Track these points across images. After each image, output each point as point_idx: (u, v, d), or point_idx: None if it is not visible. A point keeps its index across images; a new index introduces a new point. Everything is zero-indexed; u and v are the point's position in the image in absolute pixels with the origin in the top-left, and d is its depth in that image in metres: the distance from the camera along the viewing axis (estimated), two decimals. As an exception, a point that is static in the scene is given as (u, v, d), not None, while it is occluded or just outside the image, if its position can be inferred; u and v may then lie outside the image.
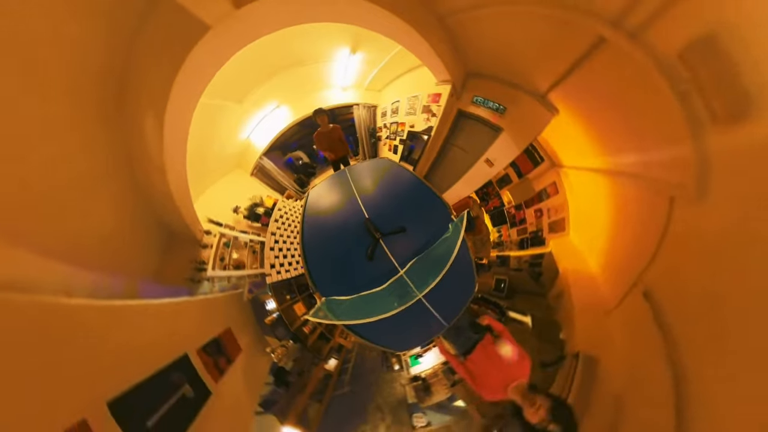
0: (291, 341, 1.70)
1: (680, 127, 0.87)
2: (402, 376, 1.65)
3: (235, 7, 1.17)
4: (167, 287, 1.33)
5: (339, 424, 1.45)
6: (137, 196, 1.34)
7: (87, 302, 0.78)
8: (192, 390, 0.94)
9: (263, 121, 2.32)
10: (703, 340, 0.76)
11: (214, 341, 1.20)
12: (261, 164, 2.34)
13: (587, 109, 1.46)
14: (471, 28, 1.58)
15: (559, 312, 1.46)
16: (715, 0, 0.69)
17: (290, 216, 2.23)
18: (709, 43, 0.73)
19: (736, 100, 0.70)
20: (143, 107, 1.24)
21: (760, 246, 0.66)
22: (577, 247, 1.57)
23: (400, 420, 1.43)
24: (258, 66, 2.07)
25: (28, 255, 0.77)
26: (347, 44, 2.26)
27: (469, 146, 2.24)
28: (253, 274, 1.84)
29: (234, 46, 1.40)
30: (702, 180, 0.83)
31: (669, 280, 0.94)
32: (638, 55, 0.93)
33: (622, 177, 1.26)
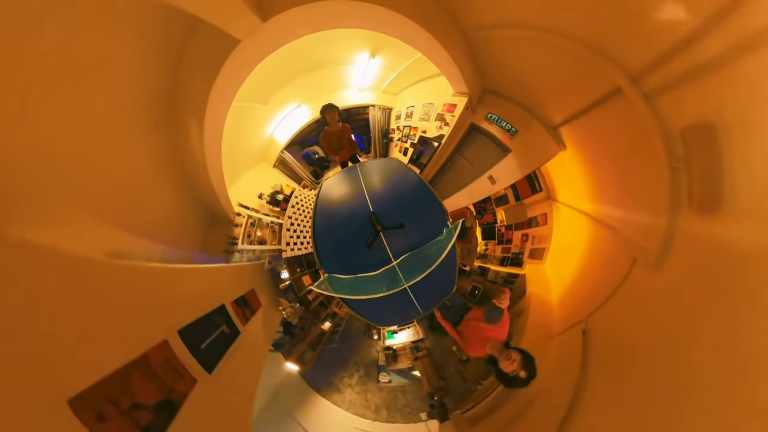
0: (298, 304, 2.05)
1: (663, 199, 0.82)
2: (378, 344, 1.97)
3: (262, 20, 1.18)
4: (210, 256, 1.65)
5: (326, 367, 1.86)
6: (187, 186, 1.57)
7: (162, 266, 1.06)
8: (228, 329, 1.27)
9: (285, 119, 2.36)
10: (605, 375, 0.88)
11: (242, 297, 1.51)
12: (282, 157, 2.46)
13: (592, 153, 1.33)
14: (493, 46, 1.40)
15: (514, 326, 1.60)
16: (721, 95, 0.60)
17: (305, 203, 2.41)
18: (708, 131, 0.65)
19: (710, 195, 0.65)
20: (188, 115, 1.38)
21: (679, 324, 0.71)
22: (547, 276, 1.61)
23: (369, 374, 1.80)
24: (281, 70, 2.04)
25: (122, 233, 1.04)
26: (367, 49, 2.10)
27: (475, 160, 2.15)
28: (272, 249, 2.13)
29: (261, 55, 1.42)
30: (662, 253, 0.83)
31: (605, 327, 1.02)
32: (648, 117, 0.83)
33: (603, 227, 1.22)
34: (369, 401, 1.71)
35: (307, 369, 1.82)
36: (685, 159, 0.74)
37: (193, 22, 1.17)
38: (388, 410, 1.65)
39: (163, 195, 1.41)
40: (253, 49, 1.32)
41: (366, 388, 1.77)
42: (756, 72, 0.53)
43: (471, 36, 1.42)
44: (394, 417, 1.61)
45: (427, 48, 1.57)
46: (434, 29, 1.38)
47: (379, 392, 1.74)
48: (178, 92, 1.31)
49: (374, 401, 1.71)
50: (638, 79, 0.84)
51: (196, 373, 0.96)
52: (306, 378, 1.79)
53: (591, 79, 1.03)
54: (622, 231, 1.09)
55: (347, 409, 1.70)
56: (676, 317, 0.72)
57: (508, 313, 1.41)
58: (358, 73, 2.33)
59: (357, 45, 2.11)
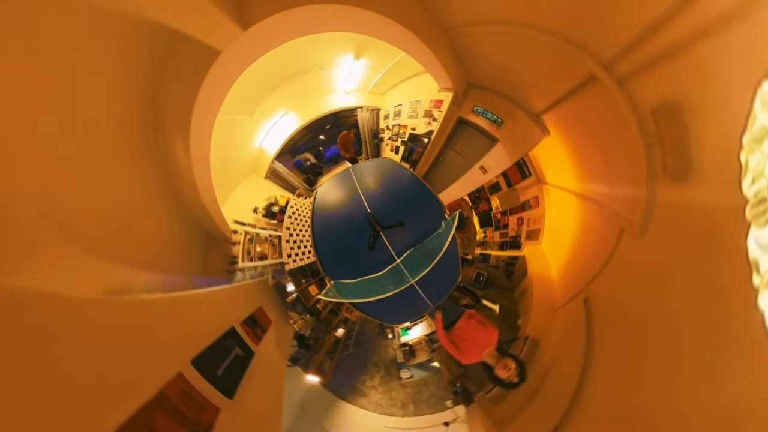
0: (308, 315, 2.02)
1: (641, 171, 0.93)
2: (394, 343, 2.01)
3: (242, 29, 1.14)
4: (212, 279, 1.59)
5: (347, 374, 1.87)
6: (179, 208, 1.50)
7: (164, 296, 1.01)
8: (241, 351, 1.24)
9: (273, 128, 2.31)
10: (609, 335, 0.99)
11: (251, 317, 1.48)
12: (273, 168, 2.41)
13: (574, 136, 1.44)
14: (474, 42, 1.46)
15: (521, 305, 1.70)
16: (684, 76, 0.70)
17: (302, 212, 2.37)
18: (675, 109, 0.75)
19: (682, 164, 0.76)
20: (172, 133, 1.31)
21: (666, 279, 0.82)
22: (545, 254, 1.73)
23: (390, 373, 1.84)
24: (265, 78, 1.99)
25: (118, 267, 0.98)
26: (351, 51, 2.09)
27: (466, 152, 2.23)
28: (274, 263, 2.08)
29: (243, 65, 1.38)
30: (645, 220, 0.93)
31: (603, 293, 1.13)
32: (621, 100, 0.93)
33: (591, 203, 1.34)
34: (394, 399, 1.75)
35: (328, 378, 1.82)
36: (656, 135, 0.84)
37: (172, 36, 1.11)
38: (415, 404, 1.69)
39: (155, 221, 1.34)
40: (235, 59, 1.28)
41: (389, 387, 1.80)
42: (710, 56, 0.63)
43: (452, 33, 1.47)
44: (422, 409, 1.66)
45: (410, 47, 1.60)
46: (416, 29, 1.41)
47: (402, 389, 1.78)
48: (160, 110, 1.24)
49: (399, 398, 1.74)
50: (610, 66, 0.94)
51: (218, 401, 0.94)
52: (329, 387, 1.79)
53: (567, 68, 1.12)
54: (608, 205, 1.21)
55: (374, 410, 1.73)
56: (664, 275, 0.83)
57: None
58: (343, 76, 2.33)
59: (341, 48, 2.10)
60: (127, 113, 1.12)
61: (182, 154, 1.36)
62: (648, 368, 0.76)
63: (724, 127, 0.60)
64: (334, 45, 2.07)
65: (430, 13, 1.43)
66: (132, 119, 1.16)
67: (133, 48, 1.04)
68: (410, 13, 1.39)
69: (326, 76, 2.30)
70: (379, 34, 1.54)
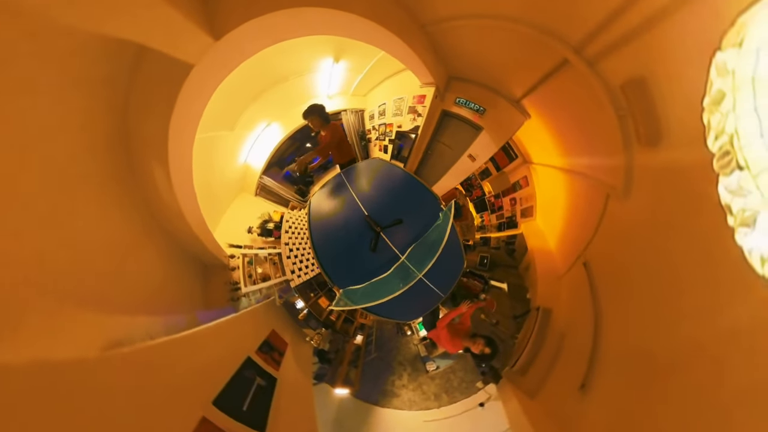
0: (323, 329, 1.97)
1: (617, 141, 1.04)
2: (414, 338, 2.03)
3: (214, 39, 1.07)
4: (217, 310, 1.48)
5: (374, 379, 1.85)
6: (169, 242, 1.37)
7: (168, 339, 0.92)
8: (263, 380, 1.17)
9: (256, 142, 2.20)
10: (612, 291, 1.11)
11: (265, 342, 1.40)
12: (262, 183, 2.30)
13: (553, 116, 1.57)
14: (452, 36, 1.52)
15: (527, 279, 1.82)
16: (647, 53, 0.82)
17: (298, 225, 2.29)
18: (641, 83, 0.86)
19: (653, 131, 0.88)
20: (148, 159, 1.19)
21: (653, 233, 0.94)
22: (541, 229, 1.87)
23: (417, 369, 1.86)
24: (243, 90, 1.88)
25: (114, 317, 0.87)
26: (330, 54, 2.06)
27: (453, 143, 2.31)
28: (279, 283, 2.00)
29: (218, 77, 1.29)
30: (627, 184, 1.06)
31: (600, 255, 1.26)
32: (593, 80, 1.04)
33: (575, 175, 1.48)
34: (426, 393, 1.76)
35: (357, 388, 1.78)
36: (627, 108, 0.96)
37: (138, 53, 1.00)
38: (447, 393, 1.73)
39: (145, 260, 1.22)
40: (210, 71, 1.19)
41: (419, 382, 1.81)
42: (669, 34, 0.74)
43: (430, 29, 1.52)
44: (455, 397, 1.70)
45: (389, 46, 1.62)
46: (394, 27, 1.43)
47: (432, 381, 1.80)
48: (132, 136, 1.12)
49: (431, 391, 1.77)
50: (580, 50, 1.04)
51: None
52: (360, 397, 1.76)
53: (541, 54, 1.22)
54: (592, 174, 1.34)
55: (410, 408, 1.73)
56: (651, 228, 0.95)
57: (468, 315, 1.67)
58: (324, 81, 2.28)
59: (319, 52, 2.05)
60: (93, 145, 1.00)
61: (162, 181, 1.24)
62: (652, 310, 0.86)
63: (686, 94, 0.71)
64: (312, 49, 2.03)
65: (407, 11, 1.45)
66: (100, 151, 1.03)
67: (94, 70, 0.92)
68: (387, 12, 1.40)
69: (307, 82, 2.24)
70: (358, 35, 1.54)
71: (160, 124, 1.13)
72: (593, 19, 0.90)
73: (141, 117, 1.13)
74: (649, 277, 0.91)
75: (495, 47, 1.43)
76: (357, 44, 1.58)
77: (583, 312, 1.17)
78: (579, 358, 1.07)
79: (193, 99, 1.20)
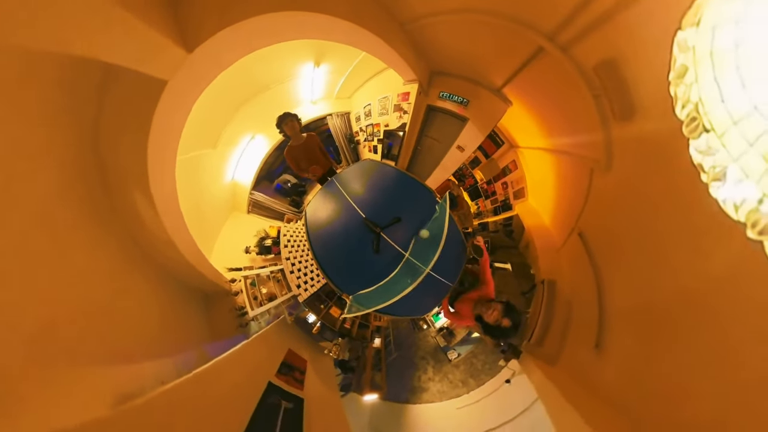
0: (340, 338, 1.94)
1: (595, 119, 1.15)
2: (431, 331, 2.08)
3: (187, 51, 1.00)
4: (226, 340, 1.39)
5: (400, 378, 1.87)
6: (163, 275, 1.27)
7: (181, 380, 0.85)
8: (289, 403, 1.13)
9: (242, 156, 2.10)
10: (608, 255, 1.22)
11: (284, 363, 1.36)
12: (253, 199, 2.21)
13: (533, 101, 1.68)
14: (430, 33, 1.57)
15: (528, 256, 1.93)
16: (616, 36, 0.91)
17: (297, 237, 2.23)
18: (612, 64, 0.96)
19: (626, 106, 0.98)
20: (128, 187, 1.09)
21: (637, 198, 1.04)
22: (534, 208, 1.99)
23: (439, 360, 1.91)
24: (222, 104, 1.78)
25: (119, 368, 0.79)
26: (310, 58, 2.02)
27: (441, 136, 2.38)
28: (286, 300, 1.93)
29: (195, 92, 1.21)
30: (608, 157, 1.17)
31: (591, 223, 1.38)
32: (567, 64, 1.14)
33: (560, 154, 1.60)
34: (453, 381, 1.81)
35: (385, 390, 1.79)
36: (601, 87, 1.06)
37: (104, 72, 0.91)
38: (473, 377, 1.79)
39: (139, 300, 1.11)
40: (185, 86, 1.12)
41: (444, 373, 1.86)
42: (635, 18, 0.83)
43: (409, 27, 1.55)
44: (481, 379, 1.77)
45: (370, 46, 1.62)
46: (373, 27, 1.44)
47: (456, 369, 1.86)
48: (108, 165, 1.02)
49: (458, 378, 1.82)
50: (554, 37, 1.13)
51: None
52: (389, 398, 1.76)
53: (517, 44, 1.30)
54: (575, 152, 1.46)
55: (441, 399, 1.77)
56: (635, 193, 1.06)
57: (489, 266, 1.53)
58: (306, 86, 2.23)
59: (299, 57, 2.00)
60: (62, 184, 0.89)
61: (146, 210, 1.15)
62: (646, 267, 0.97)
63: (653, 71, 0.80)
64: (292, 55, 1.97)
65: (385, 11, 1.47)
66: (72, 189, 0.92)
67: (54, 96, 0.82)
68: (366, 12, 1.40)
69: (288, 89, 2.17)
70: (337, 37, 1.52)
71: (137, 148, 1.04)
72: (564, 8, 0.99)
73: (114, 144, 1.03)
74: (639, 237, 1.02)
75: (473, 40, 1.49)
76: (337, 46, 1.57)
77: (585, 278, 1.27)
78: (588, 320, 1.17)
79: (170, 118, 1.12)
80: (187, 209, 1.32)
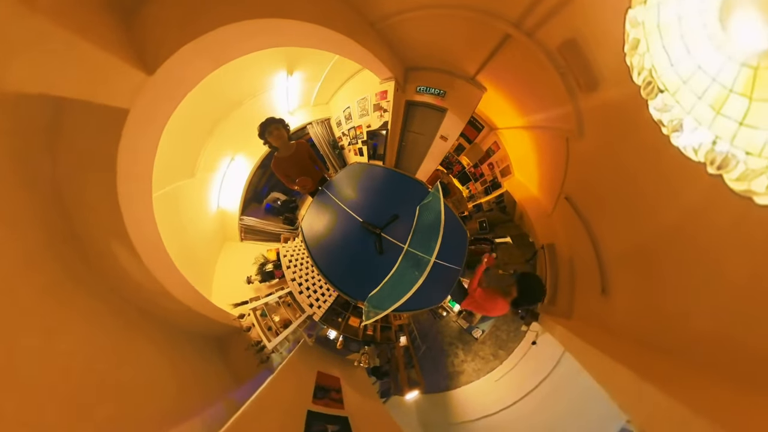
0: (365, 347, 1.93)
1: (563, 94, 1.30)
2: (451, 317, 2.16)
3: (147, 73, 0.88)
4: (251, 381, 1.29)
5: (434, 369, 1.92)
6: (167, 329, 1.14)
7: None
8: (335, 425, 1.11)
9: (224, 181, 1.94)
10: (595, 211, 1.40)
11: (317, 387, 1.32)
12: (244, 225, 2.08)
13: (506, 85, 1.83)
14: (401, 30, 1.61)
15: (524, 226, 2.11)
16: (575, 18, 1.04)
17: (298, 255, 2.15)
18: (573, 43, 1.10)
19: (590, 79, 1.13)
20: (104, 239, 0.95)
21: (611, 156, 1.21)
22: (522, 182, 2.17)
23: (466, 341, 2.00)
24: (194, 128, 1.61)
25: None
26: (282, 68, 1.93)
27: (423, 129, 2.46)
28: (302, 322, 1.86)
29: (162, 117, 1.08)
30: (580, 125, 1.33)
31: (575, 186, 1.57)
32: (533, 48, 1.27)
33: (537, 129, 1.77)
34: (485, 357, 1.92)
35: (423, 385, 1.81)
36: (566, 65, 1.20)
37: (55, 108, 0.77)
38: (502, 348, 1.91)
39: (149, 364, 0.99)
40: (150, 113, 1.00)
41: (474, 351, 1.96)
42: (589, 1, 0.95)
43: (379, 26, 1.58)
44: (510, 346, 1.89)
45: (343, 48, 1.62)
46: (344, 29, 1.43)
47: (484, 345, 1.97)
48: (75, 219, 0.88)
49: (488, 353, 1.92)
50: (519, 24, 1.25)
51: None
52: (430, 391, 1.80)
53: (485, 33, 1.40)
54: (550, 125, 1.63)
55: (479, 377, 1.86)
56: (608, 152, 1.23)
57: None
58: (281, 97, 2.14)
59: (270, 67, 1.90)
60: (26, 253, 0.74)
61: (130, 261, 1.01)
62: (629, 214, 1.14)
63: (610, 46, 0.93)
64: (262, 66, 1.87)
65: (355, 11, 1.48)
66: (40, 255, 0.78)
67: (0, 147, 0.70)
68: (335, 14, 1.39)
69: (263, 102, 2.06)
70: (308, 42, 1.49)
71: (105, 192, 0.90)
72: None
73: (79, 192, 0.88)
74: (619, 190, 1.19)
75: (443, 33, 1.58)
76: (309, 52, 1.54)
77: (579, 235, 1.44)
78: (591, 271, 1.33)
79: (137, 151, 0.98)
80: (174, 250, 1.19)
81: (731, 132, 0.48)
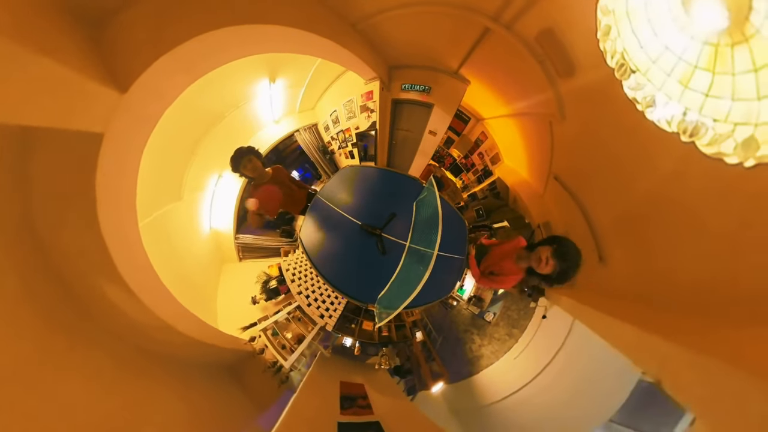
0: (383, 348, 1.93)
1: (543, 81, 1.40)
2: (461, 305, 2.23)
3: (121, 92, 0.81)
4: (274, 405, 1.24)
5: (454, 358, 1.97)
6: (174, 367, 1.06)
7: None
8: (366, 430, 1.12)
9: (214, 200, 1.83)
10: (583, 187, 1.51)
11: (342, 398, 1.31)
12: (241, 244, 1.99)
13: (488, 76, 1.92)
14: (382, 29, 1.63)
15: (519, 209, 2.23)
16: (549, 9, 1.13)
17: (301, 267, 2.10)
18: (550, 33, 1.19)
19: (567, 65, 1.23)
20: (91, 278, 0.86)
21: (592, 135, 1.33)
22: (511, 167, 2.29)
23: (479, 326, 2.08)
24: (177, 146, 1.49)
25: None
26: (264, 75, 1.85)
27: (412, 126, 2.51)
28: (315, 335, 1.82)
29: (140, 138, 1.00)
30: (561, 109, 1.43)
31: (562, 165, 1.69)
32: (512, 39, 1.35)
33: (521, 116, 1.88)
34: (501, 338, 2.00)
35: (447, 375, 1.85)
36: (544, 54, 1.29)
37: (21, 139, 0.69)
38: (515, 327, 2.01)
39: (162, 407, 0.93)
40: (127, 135, 0.92)
41: (489, 335, 2.04)
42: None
43: (360, 27, 1.58)
44: (522, 324, 1.99)
45: (324, 51, 1.60)
46: (325, 31, 1.42)
47: (498, 327, 2.05)
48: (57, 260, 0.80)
49: (503, 333, 2.01)
50: (497, 18, 1.31)
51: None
52: (453, 380, 1.85)
53: (465, 28, 1.46)
54: (533, 111, 1.74)
55: (498, 358, 1.94)
56: (589, 132, 1.34)
57: None
58: (265, 106, 2.07)
59: (251, 76, 1.82)
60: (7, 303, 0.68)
61: (123, 298, 0.93)
62: (614, 183, 1.26)
63: (583, 33, 1.02)
64: (243, 75, 1.78)
65: (335, 13, 1.47)
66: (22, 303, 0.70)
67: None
68: (315, 17, 1.38)
69: (246, 113, 1.98)
70: (289, 47, 1.46)
71: (87, 226, 0.81)
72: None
73: (58, 230, 0.80)
74: (602, 164, 1.31)
75: (424, 30, 1.62)
76: (291, 58, 1.50)
77: (571, 211, 1.56)
78: (586, 242, 1.44)
79: (117, 177, 0.90)
80: (170, 280, 1.10)
81: (699, 103, 0.55)
